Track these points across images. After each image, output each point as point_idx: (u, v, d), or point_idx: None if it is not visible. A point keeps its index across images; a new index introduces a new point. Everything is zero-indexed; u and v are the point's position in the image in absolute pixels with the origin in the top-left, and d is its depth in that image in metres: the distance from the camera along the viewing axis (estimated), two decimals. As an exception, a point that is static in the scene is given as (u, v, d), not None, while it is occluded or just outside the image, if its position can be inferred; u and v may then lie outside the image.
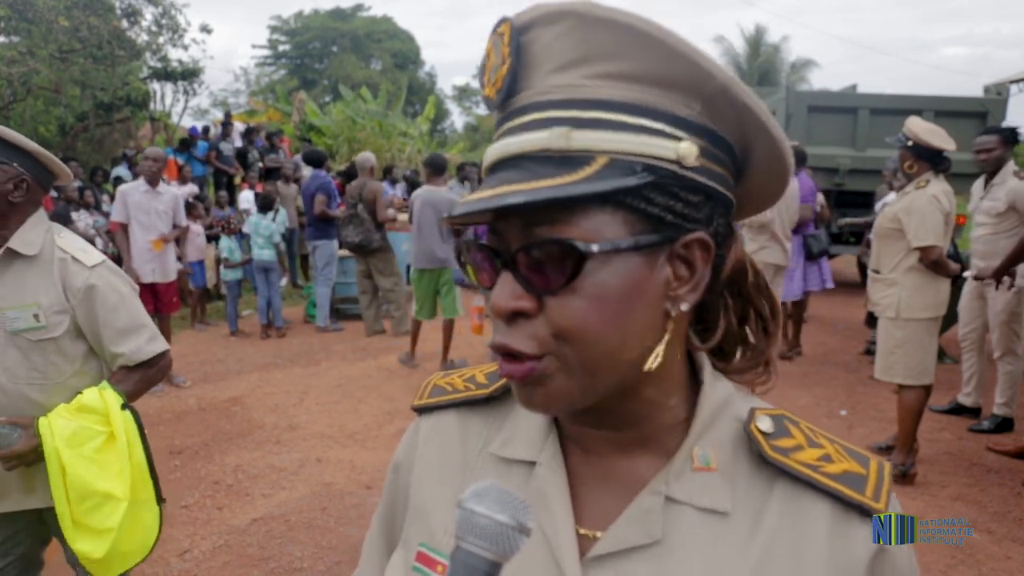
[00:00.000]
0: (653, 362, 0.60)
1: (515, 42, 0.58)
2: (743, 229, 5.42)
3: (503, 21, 0.59)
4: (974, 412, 4.99)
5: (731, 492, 0.61)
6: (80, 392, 1.90)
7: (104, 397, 1.83)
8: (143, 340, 1.95)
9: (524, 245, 0.56)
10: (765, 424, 0.63)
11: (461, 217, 0.58)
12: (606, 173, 0.54)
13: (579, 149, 0.55)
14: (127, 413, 1.85)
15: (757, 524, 0.60)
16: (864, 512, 0.59)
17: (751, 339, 0.69)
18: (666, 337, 0.61)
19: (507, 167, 0.58)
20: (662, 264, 0.58)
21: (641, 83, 0.56)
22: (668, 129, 0.57)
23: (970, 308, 4.86)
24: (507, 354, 0.58)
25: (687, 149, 0.57)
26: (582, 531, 0.63)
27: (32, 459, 1.80)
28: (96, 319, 1.90)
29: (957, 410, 5.06)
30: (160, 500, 1.91)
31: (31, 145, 1.86)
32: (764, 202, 0.68)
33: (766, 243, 5.51)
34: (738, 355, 0.70)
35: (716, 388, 0.65)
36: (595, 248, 0.55)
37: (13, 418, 1.81)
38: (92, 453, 1.79)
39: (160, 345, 1.99)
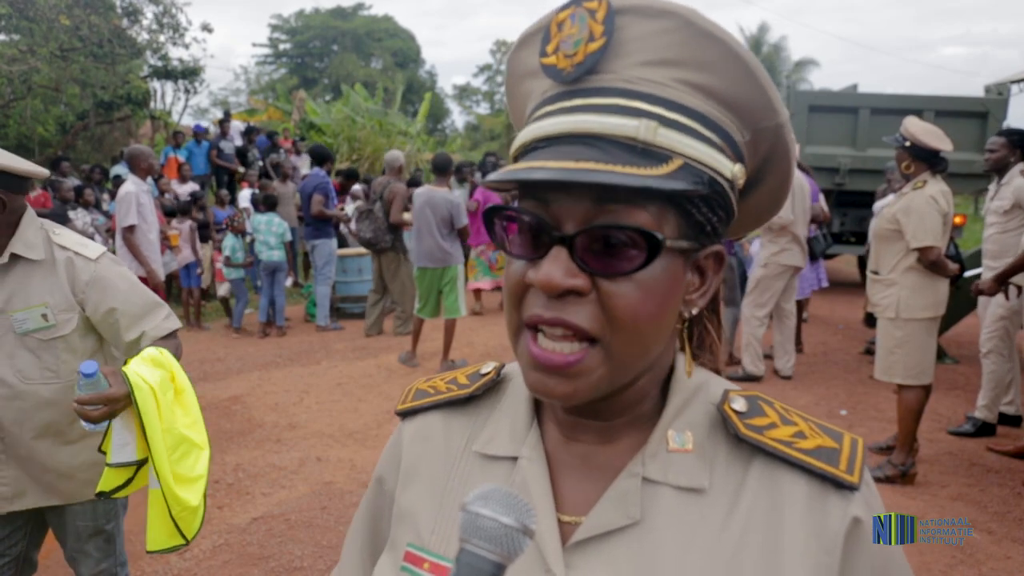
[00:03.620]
0: (689, 371, 0.66)
1: (610, 22, 0.57)
2: (765, 232, 5.43)
3: None
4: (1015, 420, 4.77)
5: (708, 471, 0.62)
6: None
7: (164, 355, 1.84)
8: (159, 318, 1.98)
9: (597, 225, 0.56)
10: (739, 404, 0.64)
11: (517, 180, 0.57)
12: (681, 175, 0.56)
13: (661, 146, 0.56)
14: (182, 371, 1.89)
15: (736, 501, 0.61)
16: (838, 485, 0.60)
17: (711, 348, 0.73)
18: (687, 344, 0.66)
19: (579, 143, 0.57)
20: (689, 269, 0.62)
21: (716, 100, 0.59)
22: (727, 149, 0.60)
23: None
24: (555, 326, 0.58)
25: (740, 171, 0.61)
26: (564, 518, 0.64)
27: (120, 407, 1.71)
28: (113, 309, 1.91)
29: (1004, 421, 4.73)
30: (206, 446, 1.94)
31: None
32: (743, 229, 0.73)
33: (787, 245, 5.47)
34: (703, 358, 0.73)
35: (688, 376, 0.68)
36: (668, 241, 0.57)
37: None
38: (170, 403, 1.79)
39: (176, 322, 2.03)
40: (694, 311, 0.64)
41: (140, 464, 1.77)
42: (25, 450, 1.90)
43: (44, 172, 1.95)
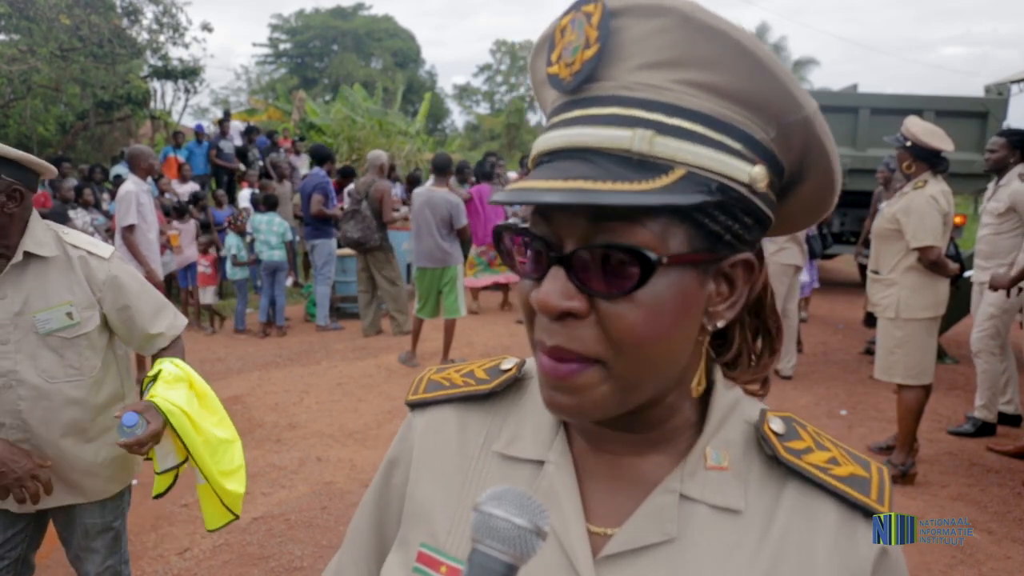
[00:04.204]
0: (697, 386, 0.63)
1: (605, 27, 0.54)
2: None
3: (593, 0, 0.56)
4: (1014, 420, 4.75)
5: (744, 491, 0.61)
6: (99, 381, 1.99)
7: (179, 365, 1.99)
8: (171, 316, 2.08)
9: (589, 244, 0.54)
10: (777, 426, 0.63)
11: (517, 201, 0.55)
12: (683, 185, 0.53)
13: (659, 156, 0.53)
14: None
15: (769, 523, 0.60)
16: (868, 514, 0.60)
17: (757, 354, 0.69)
18: (703, 357, 0.63)
19: (576, 158, 0.55)
20: (708, 280, 0.58)
21: (727, 99, 0.55)
22: (744, 151, 0.55)
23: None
24: (559, 357, 0.57)
25: (760, 174, 0.56)
26: (593, 529, 0.62)
27: (161, 433, 1.87)
28: (127, 306, 1.98)
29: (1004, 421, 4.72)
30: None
31: (11, 152, 1.84)
32: (794, 227, 0.68)
33: (785, 244, 5.46)
34: (741, 368, 0.69)
35: (726, 391, 0.66)
36: (665, 259, 0.53)
37: (128, 406, 1.86)
38: (198, 411, 1.94)
39: (183, 319, 2.14)
40: (720, 323, 0.60)
41: (182, 464, 1.97)
42: (54, 450, 1.92)
43: (53, 169, 1.97)
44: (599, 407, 0.58)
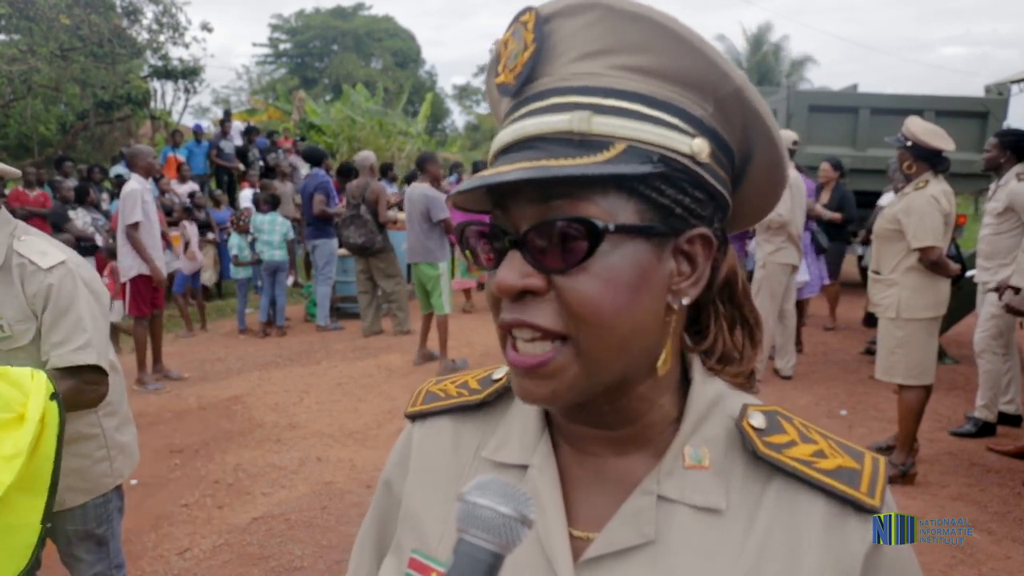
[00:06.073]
0: (663, 365, 0.62)
1: (540, 29, 0.59)
2: (761, 231, 5.45)
3: (528, 10, 0.60)
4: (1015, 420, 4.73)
5: (725, 489, 0.60)
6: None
7: (36, 379, 1.61)
8: (70, 348, 1.82)
9: (539, 222, 0.56)
10: (757, 420, 0.62)
11: (468, 193, 0.57)
12: (624, 158, 0.55)
13: (599, 134, 0.56)
14: (54, 404, 1.61)
15: (752, 521, 0.59)
16: (859, 508, 0.59)
17: (739, 347, 0.69)
18: (670, 337, 0.62)
19: (524, 147, 0.58)
20: (667, 256, 0.59)
21: (660, 78, 0.58)
22: (682, 125, 0.58)
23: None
24: (519, 328, 0.58)
25: (700, 145, 0.58)
26: (576, 533, 0.62)
27: None
28: (44, 320, 1.84)
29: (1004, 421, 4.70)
30: (44, 521, 1.61)
31: None
32: (755, 215, 0.70)
33: (782, 244, 5.47)
34: (723, 361, 0.69)
35: (706, 386, 0.65)
36: (611, 227, 0.55)
37: None
38: None
39: (88, 358, 1.83)
40: (685, 300, 0.61)
41: None
42: None
43: (15, 172, 1.90)
44: (570, 390, 0.58)
